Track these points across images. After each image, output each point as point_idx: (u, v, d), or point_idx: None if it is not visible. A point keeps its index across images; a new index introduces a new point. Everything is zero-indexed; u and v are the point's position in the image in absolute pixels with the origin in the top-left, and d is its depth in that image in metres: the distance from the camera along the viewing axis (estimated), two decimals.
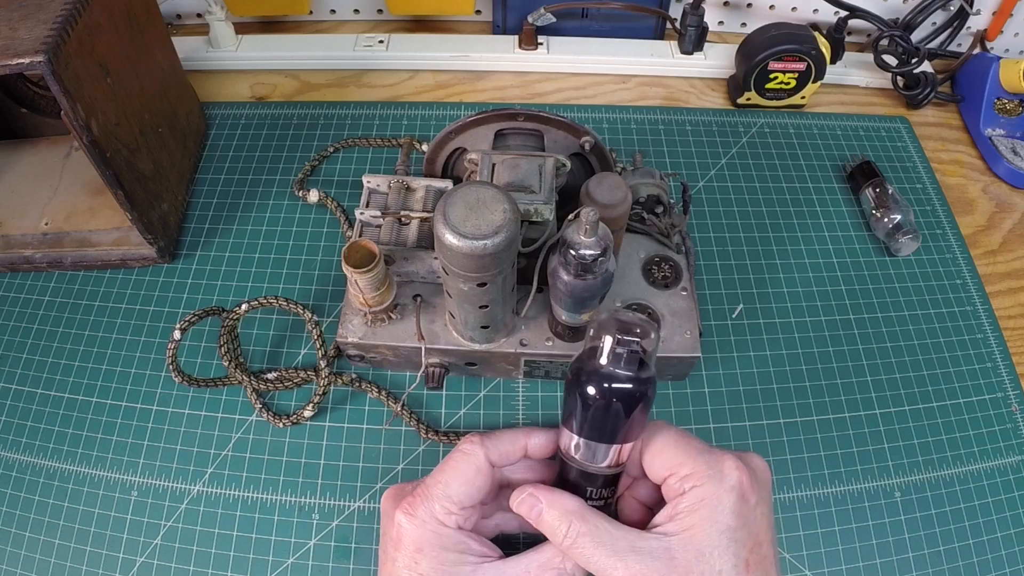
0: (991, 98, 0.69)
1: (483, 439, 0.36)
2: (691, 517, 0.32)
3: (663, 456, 0.34)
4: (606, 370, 0.33)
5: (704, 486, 0.32)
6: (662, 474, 0.34)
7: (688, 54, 0.73)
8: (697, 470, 0.32)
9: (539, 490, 0.34)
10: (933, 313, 0.57)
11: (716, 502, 0.32)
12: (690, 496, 0.32)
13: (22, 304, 0.56)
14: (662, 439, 0.35)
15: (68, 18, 0.43)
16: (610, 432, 0.34)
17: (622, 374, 0.33)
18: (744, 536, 0.31)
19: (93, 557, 0.45)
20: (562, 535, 0.32)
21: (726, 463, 0.33)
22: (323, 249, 0.59)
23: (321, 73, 0.73)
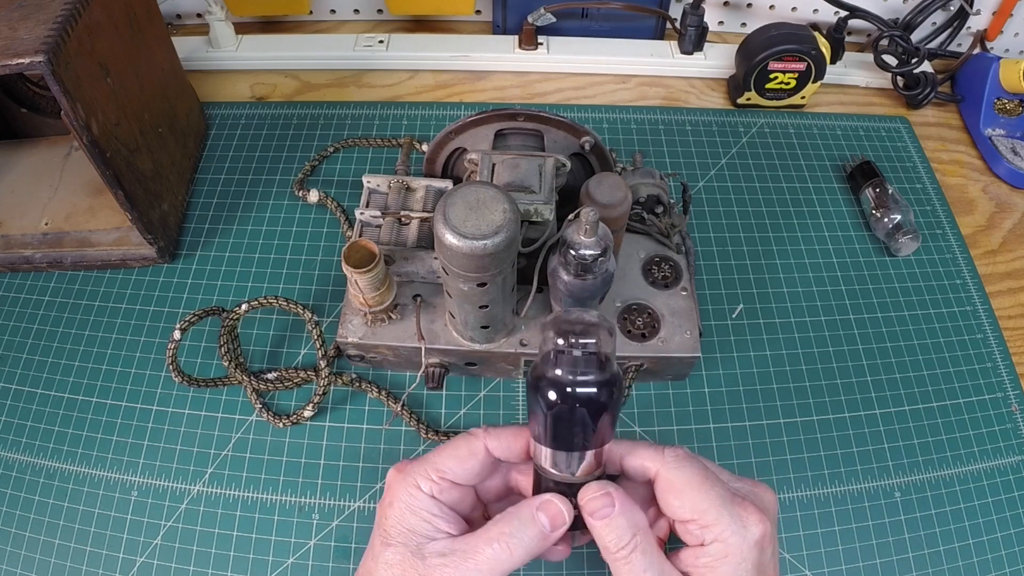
0: (991, 98, 0.69)
1: (488, 428, 0.36)
2: (714, 573, 0.32)
3: (685, 499, 0.33)
4: (562, 376, 0.32)
5: (728, 542, 0.32)
6: (681, 516, 0.33)
7: (688, 54, 0.73)
8: (721, 522, 0.32)
9: (617, 493, 0.33)
10: (933, 313, 0.57)
11: (739, 559, 0.32)
12: (713, 550, 0.32)
13: (22, 304, 0.56)
14: (685, 477, 0.33)
15: (68, 18, 0.43)
16: (579, 440, 0.32)
17: (580, 378, 0.31)
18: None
19: (93, 557, 0.45)
20: (622, 544, 0.32)
21: (751, 518, 0.32)
22: (323, 249, 0.59)
23: (321, 73, 0.73)
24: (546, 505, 0.33)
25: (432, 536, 0.33)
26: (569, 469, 0.33)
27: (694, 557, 0.33)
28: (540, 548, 0.33)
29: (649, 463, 0.34)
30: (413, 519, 0.33)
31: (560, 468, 0.33)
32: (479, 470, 0.35)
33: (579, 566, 0.45)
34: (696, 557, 0.33)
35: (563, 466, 0.33)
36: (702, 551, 0.32)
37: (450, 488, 0.34)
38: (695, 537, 0.33)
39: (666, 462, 0.33)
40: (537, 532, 0.32)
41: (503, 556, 0.31)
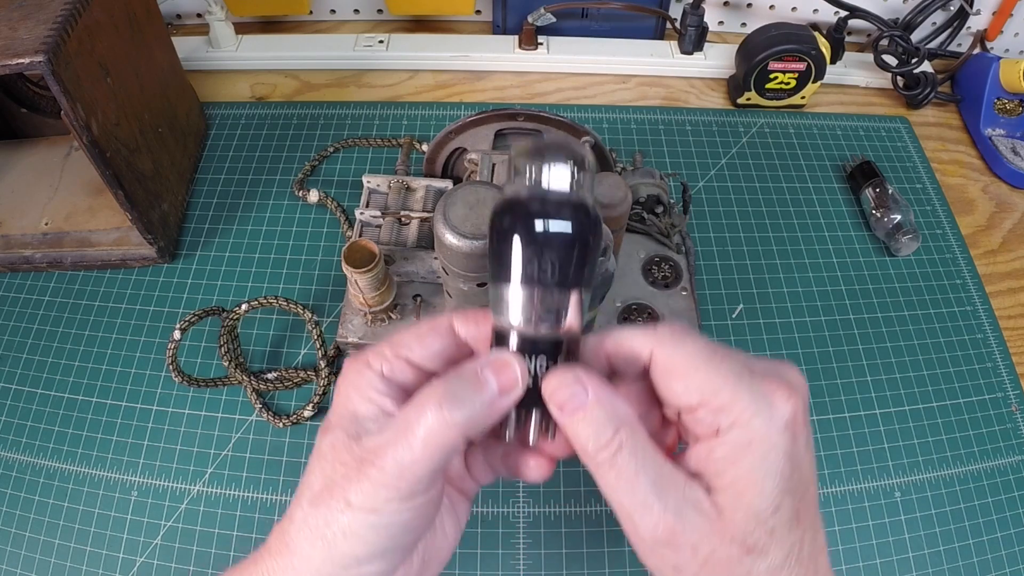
0: (991, 98, 0.69)
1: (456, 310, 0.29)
2: (737, 468, 0.24)
3: (690, 379, 0.25)
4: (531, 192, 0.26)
5: (750, 426, 0.24)
6: (688, 402, 0.26)
7: (688, 54, 0.73)
8: (736, 402, 0.25)
9: (591, 378, 0.26)
10: (933, 313, 0.57)
11: (766, 446, 0.24)
12: (732, 438, 0.25)
13: (22, 304, 0.56)
14: (686, 352, 0.26)
15: (68, 18, 0.43)
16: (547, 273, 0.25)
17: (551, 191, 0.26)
18: (796, 484, 0.25)
19: (93, 557, 0.45)
20: (603, 442, 0.25)
21: (778, 394, 0.25)
22: (323, 249, 0.59)
23: (321, 73, 0.73)
24: (495, 362, 0.26)
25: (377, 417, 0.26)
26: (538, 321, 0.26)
27: (707, 451, 0.25)
28: (486, 418, 0.25)
29: (640, 346, 0.27)
30: (357, 400, 0.27)
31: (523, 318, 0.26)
32: (440, 349, 0.28)
33: (579, 566, 0.45)
34: (710, 451, 0.25)
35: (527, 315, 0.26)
36: (717, 442, 0.25)
37: (406, 369, 0.27)
38: (708, 426, 0.25)
39: (661, 339, 0.26)
40: (483, 396, 0.25)
41: (440, 427, 0.24)
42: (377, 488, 0.24)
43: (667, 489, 0.25)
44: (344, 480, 0.25)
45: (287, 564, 0.25)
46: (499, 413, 0.26)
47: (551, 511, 0.47)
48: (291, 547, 0.25)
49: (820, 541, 0.26)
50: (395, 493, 0.24)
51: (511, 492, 0.48)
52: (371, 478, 0.24)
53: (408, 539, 0.26)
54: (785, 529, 0.24)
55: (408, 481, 0.24)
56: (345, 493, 0.25)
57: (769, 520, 0.24)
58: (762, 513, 0.24)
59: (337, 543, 0.24)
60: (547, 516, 0.47)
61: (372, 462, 0.25)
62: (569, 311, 0.26)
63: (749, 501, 0.24)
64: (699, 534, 0.24)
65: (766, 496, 0.24)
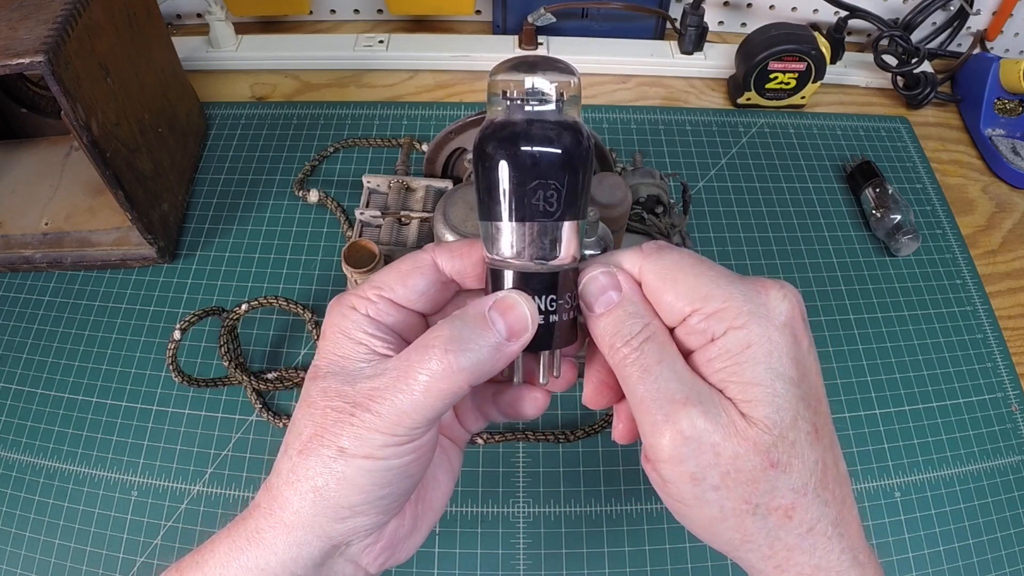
0: (991, 98, 0.69)
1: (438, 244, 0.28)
2: (741, 374, 0.23)
3: (679, 286, 0.24)
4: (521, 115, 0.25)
5: (746, 327, 0.23)
6: (680, 311, 0.24)
7: (688, 54, 0.73)
8: (730, 304, 0.23)
9: (622, 275, 0.25)
10: (933, 313, 0.57)
11: (767, 348, 0.23)
12: (729, 343, 0.23)
13: (22, 304, 0.56)
14: (672, 262, 0.25)
15: (68, 18, 0.43)
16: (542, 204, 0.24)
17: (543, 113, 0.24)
18: (807, 392, 0.24)
19: (93, 557, 0.45)
20: (630, 334, 0.24)
21: (771, 293, 0.24)
22: (323, 249, 0.59)
23: (321, 73, 0.73)
24: (502, 303, 0.24)
25: (367, 359, 0.25)
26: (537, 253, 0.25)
27: (706, 360, 0.24)
28: (494, 363, 0.24)
29: (629, 264, 0.26)
30: (345, 343, 0.25)
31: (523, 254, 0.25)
32: (425, 288, 0.27)
33: (579, 566, 0.45)
34: (708, 360, 0.24)
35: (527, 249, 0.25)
36: (715, 347, 0.24)
37: (390, 308, 0.26)
38: (702, 334, 0.24)
39: (647, 253, 0.26)
40: (490, 340, 0.24)
41: (444, 373, 0.23)
42: (372, 433, 0.23)
43: (691, 381, 0.24)
44: (336, 426, 0.24)
45: (277, 520, 0.24)
46: (509, 358, 0.24)
47: (551, 511, 0.47)
48: (279, 501, 0.24)
49: (843, 471, 0.25)
50: (392, 439, 0.23)
51: (511, 492, 0.48)
52: (366, 422, 0.23)
53: (403, 487, 0.25)
54: (806, 444, 0.23)
55: (406, 426, 0.23)
56: (337, 439, 0.23)
57: (789, 432, 0.23)
58: (781, 423, 0.23)
59: (329, 493, 0.23)
60: (547, 516, 0.47)
61: (367, 406, 0.23)
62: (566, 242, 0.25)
63: (764, 409, 0.23)
64: (722, 433, 0.23)
65: (780, 404, 0.23)
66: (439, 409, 0.24)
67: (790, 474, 0.23)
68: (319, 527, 0.24)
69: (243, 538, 0.24)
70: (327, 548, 0.24)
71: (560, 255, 0.25)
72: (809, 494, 0.23)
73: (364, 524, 0.24)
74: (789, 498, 0.23)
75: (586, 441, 0.50)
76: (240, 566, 0.24)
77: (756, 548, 0.24)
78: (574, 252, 0.25)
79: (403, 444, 0.24)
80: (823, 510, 0.23)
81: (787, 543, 0.23)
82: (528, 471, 0.49)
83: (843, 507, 0.24)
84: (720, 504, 0.23)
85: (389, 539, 0.26)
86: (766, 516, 0.23)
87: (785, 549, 0.23)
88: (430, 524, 0.29)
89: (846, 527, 0.24)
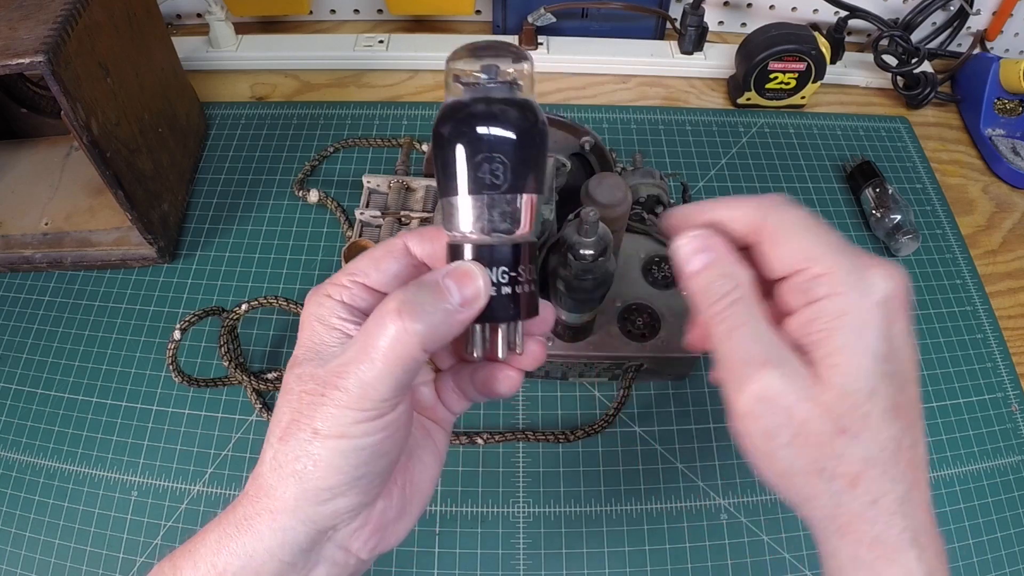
0: (991, 98, 0.69)
1: (411, 231, 0.29)
2: (831, 340, 0.24)
3: (792, 243, 0.26)
4: (472, 94, 0.26)
5: (845, 295, 0.24)
6: (787, 267, 0.26)
7: (688, 54, 0.73)
8: (834, 272, 0.25)
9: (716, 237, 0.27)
10: (933, 313, 0.57)
11: (860, 320, 0.24)
12: (827, 307, 0.25)
13: (22, 304, 0.56)
14: (791, 219, 0.26)
15: (68, 18, 0.43)
16: (501, 176, 0.25)
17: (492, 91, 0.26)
18: (893, 371, 0.24)
19: (93, 557, 0.45)
20: (721, 293, 0.26)
21: (876, 271, 0.25)
22: (323, 249, 0.59)
23: (321, 73, 0.73)
24: (455, 271, 0.25)
25: (342, 343, 0.26)
26: (490, 227, 0.26)
27: (802, 320, 0.25)
28: (448, 328, 0.24)
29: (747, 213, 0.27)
30: (321, 329, 0.26)
31: (476, 227, 0.26)
32: (397, 271, 0.27)
33: (579, 566, 0.45)
34: (806, 320, 0.25)
35: (479, 222, 0.26)
36: (812, 309, 0.25)
37: (364, 293, 0.27)
38: (804, 294, 0.25)
39: (773, 204, 0.27)
40: (442, 305, 0.24)
41: (399, 336, 0.23)
42: (342, 411, 0.24)
43: (772, 344, 0.25)
44: (309, 408, 0.24)
45: (263, 507, 0.25)
46: (461, 324, 0.25)
47: (551, 511, 0.47)
48: (265, 488, 0.25)
49: (920, 454, 0.25)
50: (361, 415, 0.24)
51: (511, 492, 0.48)
52: (335, 400, 0.24)
53: (381, 465, 0.25)
54: (880, 419, 0.24)
55: (372, 399, 0.24)
56: (312, 422, 0.24)
57: (864, 404, 0.24)
58: (857, 393, 0.24)
59: (308, 476, 0.24)
60: (547, 516, 0.47)
61: (335, 383, 0.24)
62: (522, 215, 0.26)
63: (843, 377, 0.24)
64: (797, 396, 0.24)
65: (860, 374, 0.24)
66: (400, 378, 0.24)
67: (859, 442, 0.24)
68: (302, 511, 0.24)
69: (232, 525, 0.25)
70: (312, 533, 0.25)
71: (515, 228, 0.26)
72: (877, 467, 0.24)
73: (346, 505, 0.25)
74: (856, 467, 0.24)
75: (586, 441, 0.50)
76: (230, 552, 0.25)
77: (820, 507, 0.25)
78: (529, 225, 0.26)
79: (373, 420, 0.24)
80: (891, 485, 0.24)
81: (850, 508, 0.24)
82: (528, 471, 0.49)
83: (913, 488, 0.25)
84: (790, 462, 0.25)
85: (377, 522, 0.27)
86: (831, 480, 0.24)
87: (848, 514, 0.24)
88: (419, 507, 0.29)
89: (912, 507, 0.25)
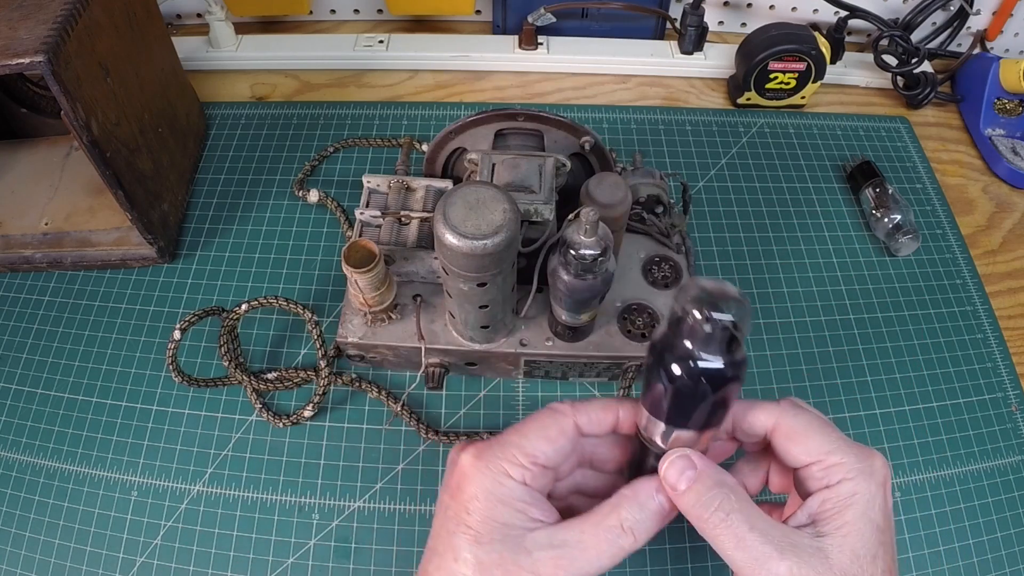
0: (991, 98, 0.69)
1: (572, 403, 0.33)
2: (844, 515, 0.29)
3: (809, 442, 0.31)
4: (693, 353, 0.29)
5: (856, 480, 0.29)
6: (803, 460, 0.31)
7: (688, 54, 0.73)
8: (847, 462, 0.30)
9: (695, 454, 0.31)
10: (933, 313, 0.57)
11: (869, 499, 0.29)
12: (841, 490, 0.30)
13: (22, 304, 0.56)
14: (805, 421, 0.31)
15: (68, 18, 0.43)
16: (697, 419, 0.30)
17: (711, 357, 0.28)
18: (888, 540, 0.30)
19: (93, 557, 0.45)
20: (713, 509, 0.29)
21: (875, 459, 0.30)
22: (323, 249, 0.59)
23: (321, 73, 0.73)
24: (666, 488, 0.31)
25: (528, 527, 0.30)
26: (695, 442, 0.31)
27: (820, 502, 0.30)
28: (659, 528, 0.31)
29: (764, 417, 0.32)
30: (505, 511, 0.30)
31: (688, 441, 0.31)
32: (569, 450, 0.32)
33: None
34: (823, 501, 0.30)
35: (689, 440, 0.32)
36: (828, 493, 0.30)
37: (541, 473, 0.31)
38: (819, 481, 0.30)
39: (783, 411, 0.32)
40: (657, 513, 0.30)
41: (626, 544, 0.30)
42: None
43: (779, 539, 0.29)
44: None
45: None
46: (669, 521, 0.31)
47: None
48: None
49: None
50: None
51: None
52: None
53: None
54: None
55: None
56: None
57: (868, 567, 0.28)
58: (863, 558, 0.29)
59: None
60: None
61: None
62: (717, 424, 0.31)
63: (852, 545, 0.29)
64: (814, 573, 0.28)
65: (866, 542, 0.29)
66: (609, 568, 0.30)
67: None
68: None
69: None
70: None
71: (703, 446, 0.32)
72: None
73: None
74: None
75: None
76: None
77: None
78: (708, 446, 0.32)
79: None
80: None
81: None
82: None
83: None
84: None
85: None
86: None
87: None
88: None
89: None
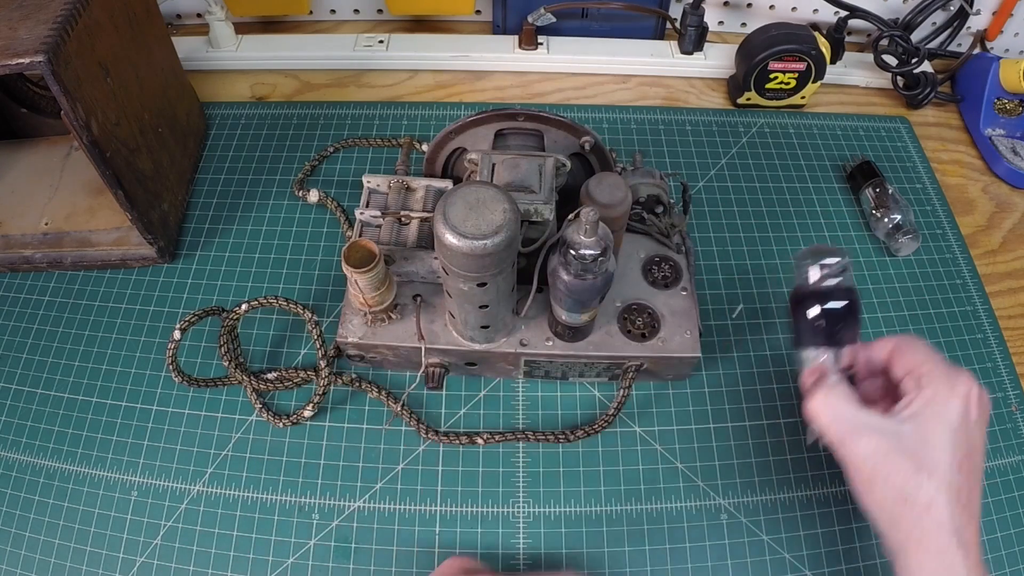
0: (991, 98, 0.69)
1: None
2: (923, 409, 0.37)
3: (910, 358, 0.39)
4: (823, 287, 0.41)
5: (936, 386, 0.37)
6: (904, 370, 0.39)
7: (688, 54, 0.73)
8: (934, 373, 0.37)
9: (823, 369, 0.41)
10: (933, 313, 0.57)
11: (945, 402, 0.36)
12: (925, 392, 0.37)
13: (22, 304, 0.56)
14: (913, 346, 0.40)
15: (68, 18, 0.43)
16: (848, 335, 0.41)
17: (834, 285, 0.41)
18: (962, 439, 0.36)
19: (93, 557, 0.45)
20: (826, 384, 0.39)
21: (961, 375, 0.37)
22: (323, 249, 0.59)
23: (321, 73, 0.73)
24: None
25: None
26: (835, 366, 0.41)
27: (907, 400, 0.38)
28: None
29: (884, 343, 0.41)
30: None
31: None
32: None
33: (580, 566, 0.45)
34: (909, 399, 0.37)
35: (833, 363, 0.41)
36: (913, 395, 0.37)
37: None
38: (911, 387, 0.38)
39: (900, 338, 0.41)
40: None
41: None
42: None
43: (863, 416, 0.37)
44: None
45: None
46: None
47: (551, 511, 0.47)
48: None
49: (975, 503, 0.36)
50: None
51: (511, 492, 0.48)
52: None
53: None
54: (947, 467, 0.35)
55: None
56: None
57: (937, 452, 0.35)
58: (930, 444, 0.36)
59: None
60: (547, 516, 0.47)
61: None
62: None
63: (923, 432, 0.36)
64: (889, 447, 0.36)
65: (938, 436, 0.36)
66: None
67: (933, 479, 0.35)
68: None
69: None
70: None
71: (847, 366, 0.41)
72: (948, 507, 0.35)
73: None
74: (930, 496, 0.35)
75: (586, 441, 0.49)
76: None
77: (903, 529, 0.36)
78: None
79: None
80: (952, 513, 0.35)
81: (924, 527, 0.35)
82: (528, 471, 0.49)
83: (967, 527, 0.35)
84: (884, 492, 0.36)
85: None
86: (913, 505, 0.35)
87: (921, 532, 0.35)
88: None
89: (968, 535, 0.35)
